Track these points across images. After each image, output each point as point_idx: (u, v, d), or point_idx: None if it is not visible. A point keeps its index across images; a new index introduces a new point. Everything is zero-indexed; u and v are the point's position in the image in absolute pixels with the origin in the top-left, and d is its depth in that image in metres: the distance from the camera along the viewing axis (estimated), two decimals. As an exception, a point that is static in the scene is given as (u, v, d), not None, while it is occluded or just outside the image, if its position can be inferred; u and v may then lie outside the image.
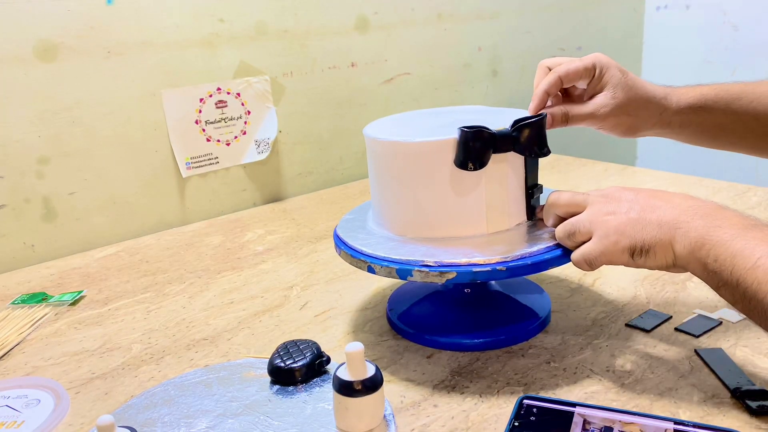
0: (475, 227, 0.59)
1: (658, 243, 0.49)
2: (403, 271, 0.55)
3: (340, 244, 0.63)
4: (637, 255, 0.50)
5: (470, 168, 0.56)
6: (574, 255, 0.54)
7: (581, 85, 0.67)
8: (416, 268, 0.55)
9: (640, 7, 1.72)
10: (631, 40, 1.74)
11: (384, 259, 0.57)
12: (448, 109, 0.73)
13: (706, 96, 0.67)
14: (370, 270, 0.58)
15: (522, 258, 0.55)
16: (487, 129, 0.56)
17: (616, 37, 1.70)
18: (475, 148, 0.56)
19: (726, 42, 1.58)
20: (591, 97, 0.66)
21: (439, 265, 0.55)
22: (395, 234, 0.62)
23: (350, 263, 0.61)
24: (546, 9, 1.53)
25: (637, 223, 0.50)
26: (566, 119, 0.64)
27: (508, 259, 0.54)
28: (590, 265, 0.53)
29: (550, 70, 0.66)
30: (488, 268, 0.54)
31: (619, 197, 0.53)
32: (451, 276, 0.54)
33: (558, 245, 0.57)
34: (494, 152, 0.57)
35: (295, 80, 1.18)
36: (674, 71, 1.71)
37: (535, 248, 0.56)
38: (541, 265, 0.55)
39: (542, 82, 0.66)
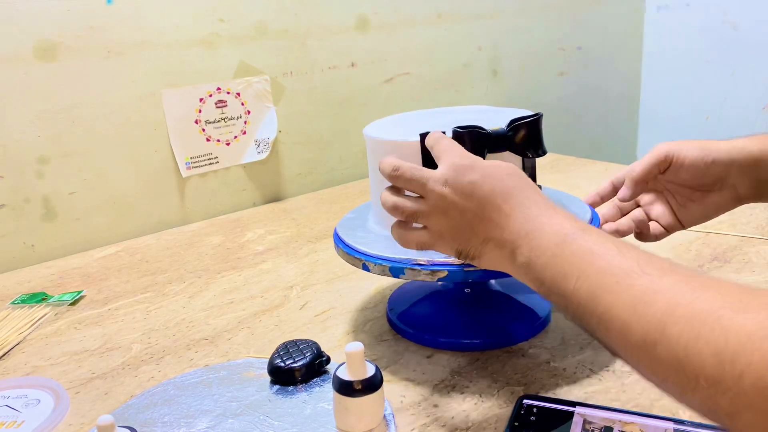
0: None
1: (484, 255, 0.49)
2: (395, 269, 0.56)
3: (337, 241, 0.63)
4: (464, 258, 0.51)
5: None
6: (407, 237, 0.53)
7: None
8: (408, 267, 0.55)
9: (640, 7, 1.72)
10: (631, 40, 1.74)
11: (378, 258, 0.57)
12: (449, 109, 0.73)
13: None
14: (365, 268, 0.58)
15: None
16: (482, 128, 0.56)
17: (616, 37, 1.70)
18: (469, 147, 0.56)
19: (726, 42, 1.58)
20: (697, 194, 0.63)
21: (431, 264, 0.55)
22: (380, 228, 0.63)
23: (346, 260, 0.61)
24: (546, 9, 1.53)
25: (466, 232, 0.49)
26: (633, 182, 0.62)
27: None
28: (419, 249, 0.53)
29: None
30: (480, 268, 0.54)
31: (453, 201, 0.49)
32: (442, 275, 0.54)
33: None
34: (489, 152, 0.57)
35: (295, 80, 1.18)
36: (674, 71, 1.71)
37: None
38: None
39: (622, 192, 0.65)
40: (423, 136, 0.56)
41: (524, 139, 0.58)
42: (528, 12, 1.49)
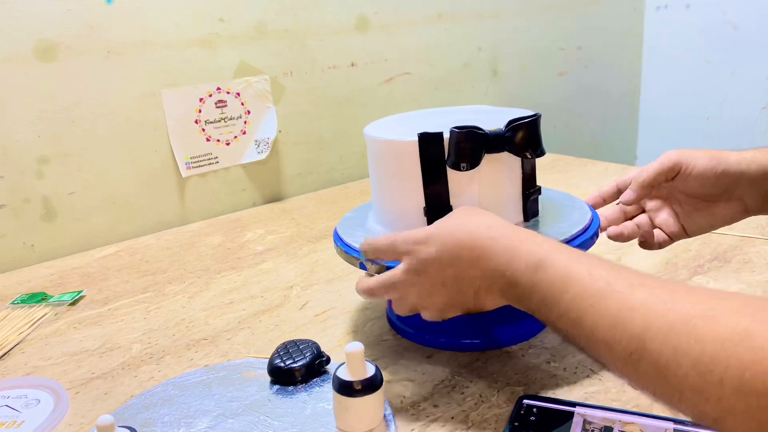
0: None
1: (486, 304, 0.50)
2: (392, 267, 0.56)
3: (337, 240, 0.63)
4: (473, 313, 0.52)
5: (462, 168, 0.56)
6: (397, 306, 0.54)
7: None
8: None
9: (640, 7, 1.72)
10: (631, 40, 1.74)
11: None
12: (449, 109, 0.73)
13: None
14: (362, 267, 0.58)
15: None
16: (479, 129, 0.56)
17: (616, 37, 1.70)
18: (466, 147, 0.56)
19: (726, 42, 1.58)
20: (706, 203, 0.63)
21: None
22: (378, 227, 0.63)
23: (344, 259, 0.61)
24: (546, 9, 1.53)
25: (458, 296, 0.50)
26: (641, 187, 0.62)
27: None
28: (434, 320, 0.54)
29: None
30: None
31: (431, 280, 0.50)
32: None
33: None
34: (487, 152, 0.57)
35: (295, 80, 1.18)
36: (674, 71, 1.71)
37: None
38: None
39: (623, 197, 0.64)
40: (421, 136, 0.56)
41: (523, 140, 0.57)
42: (528, 12, 1.49)
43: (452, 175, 0.57)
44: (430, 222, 0.58)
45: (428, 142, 0.57)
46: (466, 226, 0.49)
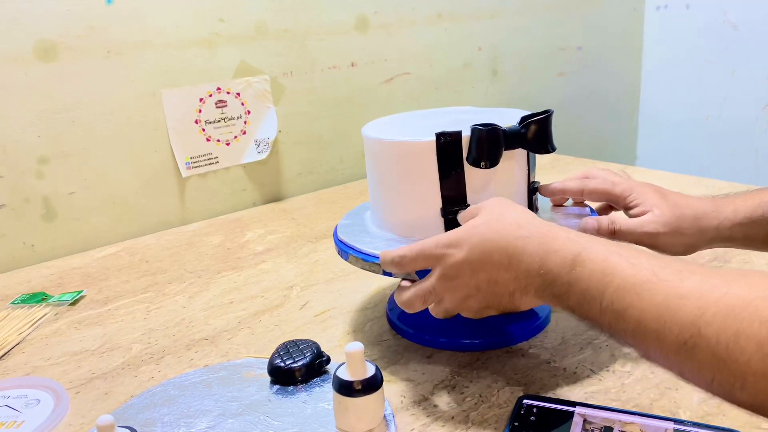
0: None
1: (521, 304, 0.50)
2: (423, 272, 0.55)
3: (345, 246, 0.63)
4: (509, 312, 0.52)
5: (483, 166, 0.56)
6: (435, 311, 0.53)
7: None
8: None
9: (640, 7, 1.72)
10: (631, 40, 1.74)
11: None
12: (446, 110, 0.73)
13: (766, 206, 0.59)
14: (385, 273, 0.57)
15: None
16: (499, 126, 0.56)
17: (616, 37, 1.70)
18: (491, 144, 0.56)
19: (726, 42, 1.58)
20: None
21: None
22: (404, 236, 0.62)
23: (365, 269, 0.59)
24: (546, 9, 1.53)
25: (493, 298, 0.50)
26: (613, 231, 0.58)
27: None
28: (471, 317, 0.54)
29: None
30: None
31: (465, 284, 0.50)
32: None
33: None
34: (505, 149, 0.57)
35: (295, 80, 1.18)
36: (674, 71, 1.71)
37: None
38: None
39: (567, 181, 0.64)
40: (439, 135, 0.56)
41: (537, 136, 0.58)
42: (528, 12, 1.49)
43: (469, 173, 0.58)
44: (446, 222, 0.59)
45: (447, 141, 0.57)
46: (495, 227, 0.48)
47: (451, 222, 0.59)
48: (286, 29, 1.15)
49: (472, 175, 0.58)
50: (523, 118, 0.58)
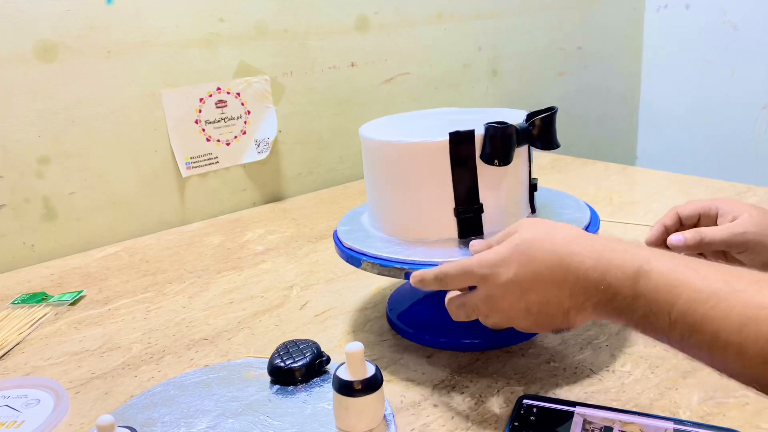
0: (493, 224, 0.60)
1: (575, 322, 0.47)
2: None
3: (338, 240, 0.63)
4: (563, 331, 0.49)
5: (496, 164, 0.57)
6: (484, 323, 0.51)
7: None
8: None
9: (640, 7, 1.72)
10: (631, 40, 1.74)
11: (418, 264, 0.57)
12: (444, 110, 0.73)
13: None
14: (407, 276, 0.56)
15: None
16: (511, 125, 0.57)
17: (616, 37, 1.70)
18: (501, 143, 0.57)
19: (726, 42, 1.58)
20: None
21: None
22: (387, 235, 0.62)
23: (383, 274, 0.59)
24: (546, 9, 1.53)
25: (545, 318, 0.47)
26: (700, 241, 0.55)
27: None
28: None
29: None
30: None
31: (516, 304, 0.47)
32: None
33: None
34: (519, 145, 0.58)
35: (295, 80, 1.18)
36: (674, 71, 1.71)
37: None
38: None
39: (663, 217, 0.61)
40: (453, 135, 0.56)
41: (544, 133, 0.59)
42: (528, 12, 1.49)
43: (481, 172, 0.58)
44: (459, 222, 0.59)
45: (460, 140, 0.57)
46: (544, 245, 0.46)
47: (463, 222, 0.59)
48: (286, 29, 1.15)
49: (485, 174, 0.58)
50: (530, 116, 0.59)
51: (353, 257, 0.60)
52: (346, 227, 0.67)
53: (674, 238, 0.56)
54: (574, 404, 0.51)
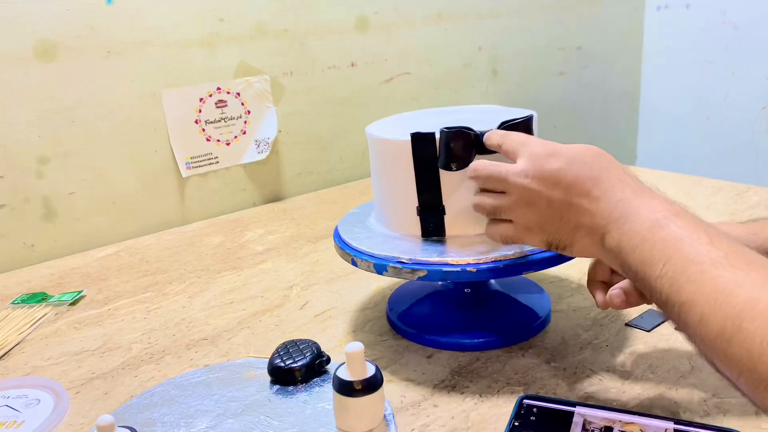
0: (461, 228, 0.60)
1: (575, 243, 0.48)
2: (379, 266, 0.57)
3: (336, 236, 0.64)
4: (554, 248, 0.50)
5: (453, 168, 0.56)
6: (492, 231, 0.53)
7: None
8: (391, 264, 0.56)
9: (640, 7, 1.72)
10: (631, 40, 1.74)
11: (364, 254, 0.59)
12: (453, 109, 0.73)
13: None
14: (353, 263, 0.59)
15: (495, 261, 0.55)
16: (470, 129, 0.56)
17: (616, 37, 1.70)
18: (456, 147, 0.56)
19: (726, 42, 1.58)
20: None
21: (412, 263, 0.55)
22: (393, 231, 0.63)
23: (340, 255, 0.62)
24: (546, 9, 1.53)
25: (555, 221, 0.48)
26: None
27: (480, 261, 0.55)
28: (505, 243, 0.53)
29: None
30: (458, 269, 0.54)
31: (538, 192, 0.48)
32: (422, 274, 0.55)
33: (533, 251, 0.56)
34: (478, 153, 0.56)
35: (295, 80, 1.18)
36: (674, 71, 1.71)
37: (511, 252, 0.56)
38: (512, 268, 0.55)
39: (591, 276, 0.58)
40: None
41: None
42: (528, 12, 1.49)
43: (445, 174, 0.58)
44: (422, 221, 0.59)
45: (420, 142, 0.57)
46: (599, 162, 0.47)
47: (424, 222, 0.59)
48: (286, 29, 1.15)
49: (448, 177, 0.58)
50: (503, 122, 0.57)
51: (334, 239, 0.63)
52: (357, 211, 0.69)
53: (613, 294, 0.53)
54: (574, 404, 0.51)
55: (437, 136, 0.56)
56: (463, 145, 0.56)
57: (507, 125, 0.57)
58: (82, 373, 0.64)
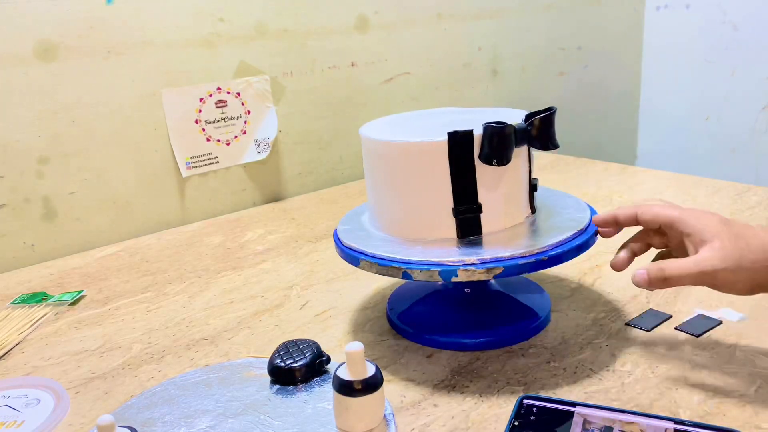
0: (492, 224, 0.60)
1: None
2: (446, 272, 0.55)
3: (337, 239, 0.63)
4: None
5: (494, 163, 0.57)
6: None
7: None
8: (461, 268, 0.54)
9: (640, 7, 1.72)
10: (631, 40, 1.74)
11: (416, 263, 0.56)
12: (444, 110, 0.73)
13: None
14: (406, 276, 0.56)
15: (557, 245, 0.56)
16: (510, 123, 0.57)
17: (616, 37, 1.70)
18: (502, 142, 0.57)
19: (726, 42, 1.58)
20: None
21: (482, 262, 0.54)
22: (408, 236, 0.61)
23: (381, 273, 0.58)
24: (546, 9, 1.53)
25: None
26: (664, 280, 0.52)
27: (543, 249, 0.56)
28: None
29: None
30: (533, 259, 0.55)
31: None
32: (498, 271, 0.54)
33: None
34: (516, 146, 0.58)
35: (295, 80, 1.18)
36: (674, 71, 1.71)
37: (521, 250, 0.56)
38: (518, 268, 0.55)
39: (619, 209, 0.59)
40: (452, 135, 0.56)
41: (543, 133, 0.59)
42: (528, 12, 1.49)
43: (480, 171, 0.58)
44: (458, 222, 0.59)
45: (458, 140, 0.57)
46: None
47: (462, 221, 0.59)
48: (286, 29, 1.15)
49: (483, 174, 0.58)
50: (528, 116, 0.59)
51: (352, 256, 0.60)
52: (346, 226, 0.67)
53: (638, 276, 0.53)
54: (574, 404, 0.51)
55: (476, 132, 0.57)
56: (506, 140, 0.57)
57: (535, 119, 0.58)
58: (82, 372, 0.64)
